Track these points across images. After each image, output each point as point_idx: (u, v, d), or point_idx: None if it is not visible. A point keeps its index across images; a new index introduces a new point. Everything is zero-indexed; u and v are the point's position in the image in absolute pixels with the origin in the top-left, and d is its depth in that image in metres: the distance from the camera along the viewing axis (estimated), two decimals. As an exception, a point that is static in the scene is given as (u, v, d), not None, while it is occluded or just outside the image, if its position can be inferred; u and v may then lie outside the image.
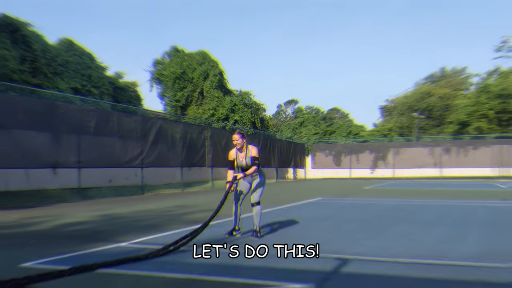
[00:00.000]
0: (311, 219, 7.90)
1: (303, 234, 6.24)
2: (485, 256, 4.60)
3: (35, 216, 8.68)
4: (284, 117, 66.02)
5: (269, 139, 27.53)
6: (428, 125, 40.58)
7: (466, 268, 4.10)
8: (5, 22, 16.25)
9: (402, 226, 6.98)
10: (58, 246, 5.25)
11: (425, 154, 31.67)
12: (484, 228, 6.66)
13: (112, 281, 3.70)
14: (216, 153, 20.25)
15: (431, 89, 43.03)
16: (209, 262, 4.32)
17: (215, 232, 6.23)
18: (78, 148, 12.91)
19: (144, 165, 15.83)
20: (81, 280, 3.72)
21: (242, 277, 3.75)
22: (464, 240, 5.65)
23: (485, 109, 32.49)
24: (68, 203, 12.16)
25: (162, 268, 4.10)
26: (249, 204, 5.98)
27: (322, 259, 4.47)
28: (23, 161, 11.35)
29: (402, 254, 4.68)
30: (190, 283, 3.63)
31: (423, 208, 9.78)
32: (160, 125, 16.70)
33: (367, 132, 38.78)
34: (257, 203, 5.86)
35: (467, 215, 8.39)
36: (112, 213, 9.22)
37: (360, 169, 33.68)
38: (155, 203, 11.81)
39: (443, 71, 52.50)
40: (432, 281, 3.63)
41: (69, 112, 12.76)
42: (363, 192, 16.11)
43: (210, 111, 29.66)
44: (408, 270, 4.00)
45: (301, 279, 3.65)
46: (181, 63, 30.34)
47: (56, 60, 18.37)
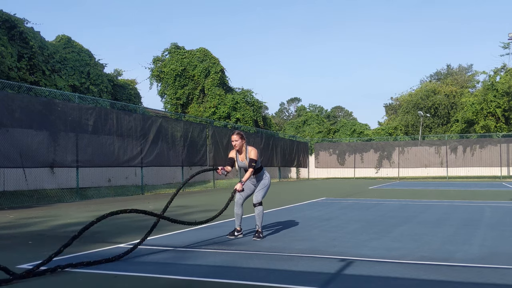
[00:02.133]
0: (315, 220, 7.81)
1: (307, 235, 6.11)
2: (491, 258, 4.52)
3: (33, 217, 8.66)
4: (286, 115, 65.75)
5: (272, 138, 27.22)
6: (434, 124, 40.14)
7: (472, 269, 4.03)
8: (2, 19, 16.00)
9: (407, 227, 6.89)
10: (57, 247, 5.11)
11: (431, 153, 31.25)
12: (491, 229, 6.53)
13: (112, 282, 3.64)
14: (217, 152, 19.96)
15: (436, 87, 42.59)
16: (211, 264, 4.27)
17: (216, 233, 6.21)
18: (76, 147, 12.71)
19: (143, 164, 15.60)
20: (82, 280, 3.70)
21: (245, 280, 3.66)
22: (470, 241, 5.55)
23: (492, 107, 32.01)
24: (66, 203, 12.12)
25: (164, 269, 4.05)
26: (251, 205, 5.92)
27: (326, 260, 4.43)
28: (20, 160, 11.12)
29: (407, 255, 4.62)
30: (192, 285, 3.56)
31: (428, 209, 9.67)
32: (160, 123, 16.44)
33: (371, 131, 38.38)
34: (259, 204, 5.74)
35: (473, 216, 8.27)
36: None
37: (365, 168, 33.33)
38: (155, 203, 11.68)
39: (448, 69, 52.08)
40: (437, 283, 3.54)
41: (67, 110, 12.56)
42: (367, 193, 15.88)
43: (211, 109, 29.37)
44: (413, 272, 3.92)
45: (305, 281, 3.60)
46: (181, 60, 30.05)
47: (54, 57, 18.12)
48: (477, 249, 4.99)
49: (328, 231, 6.44)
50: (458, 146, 30.53)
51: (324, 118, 45.29)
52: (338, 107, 63.45)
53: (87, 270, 4.02)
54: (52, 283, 3.60)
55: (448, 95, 40.47)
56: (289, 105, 67.26)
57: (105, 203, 11.91)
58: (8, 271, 3.61)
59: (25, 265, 4.24)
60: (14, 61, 15.83)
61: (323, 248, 5.05)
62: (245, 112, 29.70)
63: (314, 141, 35.82)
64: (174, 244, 5.33)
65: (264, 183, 5.79)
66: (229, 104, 29.42)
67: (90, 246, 5.25)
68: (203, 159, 19.21)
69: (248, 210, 7.92)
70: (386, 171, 33.00)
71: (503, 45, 36.37)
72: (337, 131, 38.61)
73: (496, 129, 32.22)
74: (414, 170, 31.93)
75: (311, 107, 62.30)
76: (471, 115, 33.29)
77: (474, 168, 30.24)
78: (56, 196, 13.50)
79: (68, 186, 14.76)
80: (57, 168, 14.31)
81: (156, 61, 30.76)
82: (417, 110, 39.64)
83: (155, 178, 19.60)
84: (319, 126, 38.84)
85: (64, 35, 19.73)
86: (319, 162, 34.26)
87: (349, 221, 7.61)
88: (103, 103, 16.93)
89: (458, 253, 4.76)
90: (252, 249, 5.00)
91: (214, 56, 30.58)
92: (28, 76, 16.62)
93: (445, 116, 39.80)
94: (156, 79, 30.49)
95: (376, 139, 35.64)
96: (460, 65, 51.90)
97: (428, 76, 53.82)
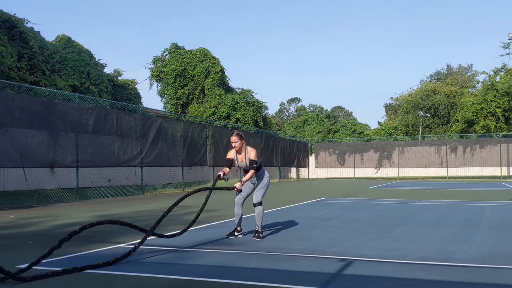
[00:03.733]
0: (315, 220, 7.80)
1: (306, 235, 6.10)
2: (491, 258, 4.52)
3: (33, 217, 8.64)
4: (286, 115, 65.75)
5: (272, 138, 27.21)
6: (434, 124, 40.12)
7: (472, 269, 4.03)
8: (2, 19, 15.99)
9: (407, 227, 6.89)
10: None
11: (431, 153, 31.24)
12: (491, 229, 6.53)
13: (113, 283, 3.63)
14: (217, 152, 19.95)
15: (436, 87, 42.57)
16: (211, 264, 4.26)
17: (216, 233, 6.20)
18: (76, 147, 12.70)
19: (143, 164, 15.59)
20: (82, 280, 3.68)
21: (245, 280, 3.65)
22: (470, 241, 5.55)
23: (492, 107, 31.99)
24: (66, 203, 12.11)
25: (164, 269, 4.04)
26: (251, 205, 5.91)
27: (326, 260, 4.42)
28: (20, 160, 11.12)
29: (407, 255, 4.61)
30: (192, 285, 3.55)
31: (428, 209, 9.66)
32: (160, 123, 16.43)
33: (371, 131, 38.36)
34: (259, 204, 5.74)
35: (473, 216, 8.27)
36: (111, 214, 9.17)
37: (365, 168, 33.31)
38: (155, 203, 11.67)
39: (448, 69, 52.07)
40: (437, 283, 3.53)
41: (67, 110, 12.55)
42: (367, 193, 15.86)
43: (211, 109, 29.35)
44: (413, 272, 3.92)
45: (305, 281, 3.59)
46: (181, 60, 30.03)
47: (54, 57, 18.11)
48: (477, 249, 4.98)
49: (328, 231, 6.43)
50: (458, 146, 30.51)
51: (324, 118, 45.27)
52: (338, 107, 63.44)
53: (87, 269, 4.01)
54: (52, 283, 3.59)
55: (448, 95, 40.44)
56: (289, 105, 67.27)
57: (105, 203, 11.91)
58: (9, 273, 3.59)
59: (25, 265, 4.21)
60: (14, 61, 15.83)
61: (323, 248, 5.05)
62: (245, 112, 29.68)
63: (314, 141, 35.79)
64: (174, 244, 5.32)
65: (264, 182, 5.79)
66: (229, 104, 29.40)
67: (90, 246, 5.23)
68: (203, 159, 19.20)
69: (248, 210, 7.91)
70: (386, 171, 32.99)
71: (503, 45, 36.36)
72: (337, 131, 38.58)
73: (496, 129, 32.19)
74: (414, 170, 31.91)
75: (311, 107, 62.29)
76: (471, 115, 33.26)
77: (474, 168, 30.22)
78: (56, 196, 13.49)
79: (68, 186, 14.76)
80: (57, 168, 14.31)
81: (156, 61, 30.74)
82: (417, 110, 39.61)
83: (155, 178, 19.60)
84: (319, 126, 38.82)
85: (64, 35, 19.72)
86: (319, 162, 34.24)
87: (349, 221, 7.59)
88: (103, 103, 16.93)
89: (458, 253, 4.75)
90: (252, 249, 4.99)
91: (214, 56, 30.56)
92: (28, 76, 16.62)
93: (445, 116, 39.77)
94: (156, 79, 30.46)
95: (376, 139, 35.62)
96: (460, 65, 51.92)
97: (428, 76, 53.85)
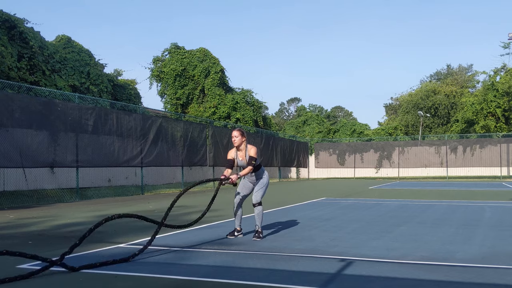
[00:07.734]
0: (315, 220, 7.79)
1: (307, 235, 6.10)
2: (491, 258, 4.51)
3: (33, 217, 8.64)
4: (286, 115, 65.74)
5: (272, 138, 27.21)
6: (434, 124, 40.13)
7: (472, 269, 4.03)
8: (2, 19, 15.99)
9: (407, 227, 6.88)
10: (56, 247, 5.18)
11: (431, 153, 31.24)
12: (491, 229, 6.52)
13: (113, 283, 3.63)
14: (217, 152, 19.95)
15: (436, 87, 42.59)
16: (211, 264, 4.26)
17: (216, 233, 6.18)
18: (76, 147, 12.70)
19: (143, 164, 15.59)
20: (82, 280, 3.67)
21: (245, 280, 3.65)
22: (470, 241, 5.54)
23: (492, 107, 32.00)
24: (66, 203, 12.10)
25: (164, 270, 4.04)
26: (251, 205, 5.90)
27: (326, 260, 4.41)
28: (20, 160, 11.12)
29: (407, 255, 4.61)
30: (192, 285, 3.54)
31: (428, 209, 9.66)
32: (160, 123, 16.43)
33: (371, 131, 38.36)
34: (258, 204, 5.72)
35: (473, 216, 8.26)
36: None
37: (365, 168, 33.31)
38: (155, 203, 11.66)
39: (448, 69, 52.07)
40: (437, 283, 3.53)
41: (67, 111, 12.54)
42: (367, 193, 15.86)
43: (211, 109, 29.34)
44: (413, 272, 3.91)
45: (305, 281, 3.59)
46: (181, 60, 30.03)
47: (54, 57, 18.10)
48: (477, 249, 4.98)
49: (328, 231, 6.42)
50: (458, 146, 30.51)
51: (324, 118, 45.25)
52: (338, 107, 63.44)
53: (87, 270, 4.01)
54: (52, 283, 3.59)
55: (448, 95, 40.46)
56: (289, 105, 67.26)
57: (105, 203, 11.89)
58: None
59: (25, 265, 4.23)
60: (14, 61, 15.82)
61: (323, 248, 5.04)
62: (245, 112, 29.68)
63: (314, 141, 35.79)
64: (174, 244, 5.33)
65: (263, 182, 5.77)
66: (229, 104, 29.40)
67: (90, 246, 5.23)
68: (203, 159, 19.19)
69: (248, 210, 7.91)
70: (386, 171, 32.98)
71: (503, 45, 36.37)
72: (337, 131, 38.58)
73: (496, 129, 32.19)
74: (414, 170, 31.91)
75: (311, 107, 62.26)
76: (471, 115, 33.27)
77: (474, 168, 30.22)
78: (56, 196, 13.50)
79: (68, 186, 14.76)
80: (57, 168, 14.31)
81: (156, 61, 30.74)
82: (417, 110, 39.63)
83: (155, 178, 19.60)
84: (319, 126, 38.81)
85: (64, 35, 19.72)
86: (319, 162, 34.23)
87: (349, 221, 7.59)
88: (103, 103, 16.93)
89: (458, 253, 4.75)
90: (252, 249, 4.99)
91: (214, 56, 30.56)
92: (28, 76, 16.62)
93: (445, 116, 39.78)
94: (156, 79, 30.46)
95: (376, 139, 35.61)
96: (460, 65, 51.90)
97: (428, 76, 53.86)
